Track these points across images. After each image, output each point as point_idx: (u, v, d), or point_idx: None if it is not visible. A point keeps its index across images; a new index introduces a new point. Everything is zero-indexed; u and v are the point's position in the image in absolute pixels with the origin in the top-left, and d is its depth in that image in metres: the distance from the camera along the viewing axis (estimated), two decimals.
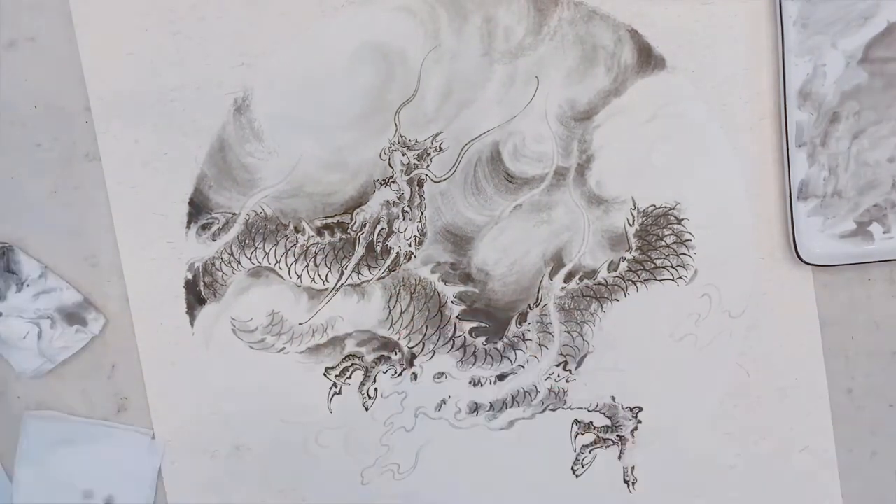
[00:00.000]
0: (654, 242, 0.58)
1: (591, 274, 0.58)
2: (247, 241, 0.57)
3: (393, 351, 0.58)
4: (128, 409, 0.59)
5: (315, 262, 0.58)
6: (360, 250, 0.58)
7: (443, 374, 0.59)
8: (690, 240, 0.58)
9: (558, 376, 0.59)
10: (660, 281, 0.58)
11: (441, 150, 0.57)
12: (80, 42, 0.56)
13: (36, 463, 0.58)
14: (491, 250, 0.58)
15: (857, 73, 0.56)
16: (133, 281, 0.57)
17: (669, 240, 0.58)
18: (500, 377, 0.59)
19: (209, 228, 0.57)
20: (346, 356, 0.58)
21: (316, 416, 0.59)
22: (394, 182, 0.57)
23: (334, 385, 0.58)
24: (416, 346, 0.58)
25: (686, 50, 0.57)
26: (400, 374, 0.59)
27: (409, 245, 0.58)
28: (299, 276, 0.58)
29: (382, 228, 0.57)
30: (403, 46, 0.56)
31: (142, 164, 0.57)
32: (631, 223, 0.58)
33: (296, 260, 0.57)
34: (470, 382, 0.59)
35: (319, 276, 0.58)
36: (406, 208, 0.57)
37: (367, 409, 0.59)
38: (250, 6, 0.56)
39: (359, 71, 0.56)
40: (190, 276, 0.58)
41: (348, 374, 0.58)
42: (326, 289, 0.58)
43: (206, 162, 0.57)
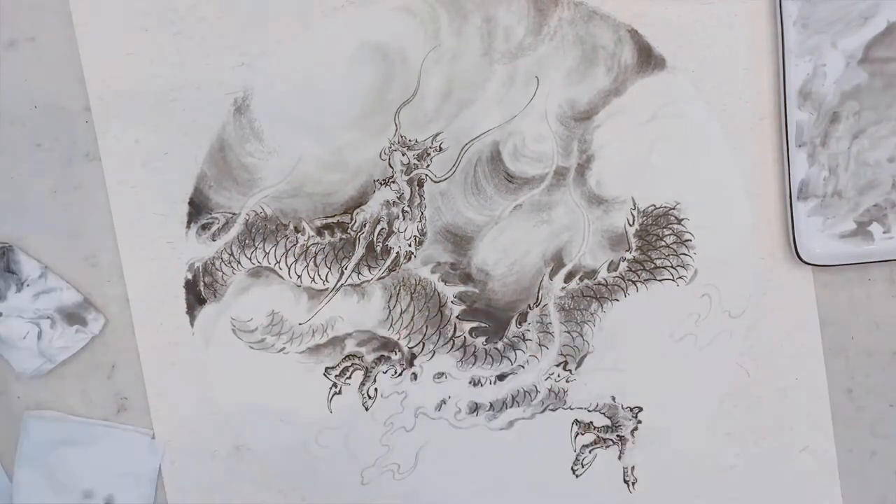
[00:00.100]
0: (654, 242, 0.58)
1: (591, 274, 0.58)
2: (247, 241, 0.57)
3: (393, 351, 0.58)
4: (128, 410, 0.59)
5: (315, 262, 0.58)
6: (360, 250, 0.58)
7: (443, 374, 0.59)
8: (690, 240, 0.58)
9: (558, 376, 0.59)
10: (660, 281, 0.58)
11: (441, 150, 0.57)
12: (80, 42, 0.56)
13: (36, 463, 0.58)
14: (491, 250, 0.58)
15: (857, 73, 0.56)
16: (133, 281, 0.57)
17: (669, 240, 0.58)
18: (500, 377, 0.59)
19: (209, 228, 0.57)
20: (346, 356, 0.58)
21: (316, 415, 0.59)
22: (394, 182, 0.57)
23: (334, 385, 0.58)
24: (416, 346, 0.58)
25: (686, 50, 0.57)
26: (400, 374, 0.59)
27: (409, 245, 0.58)
28: (299, 276, 0.58)
29: (382, 228, 0.57)
30: (403, 46, 0.56)
31: (142, 164, 0.57)
32: (631, 223, 0.58)
33: (296, 260, 0.57)
34: (470, 382, 0.59)
35: (319, 276, 0.58)
36: (406, 208, 0.57)
37: (367, 409, 0.59)
38: (250, 6, 0.56)
39: (359, 71, 0.56)
40: (190, 276, 0.57)
41: (348, 374, 0.58)
42: (326, 289, 0.58)
43: (207, 162, 0.57)
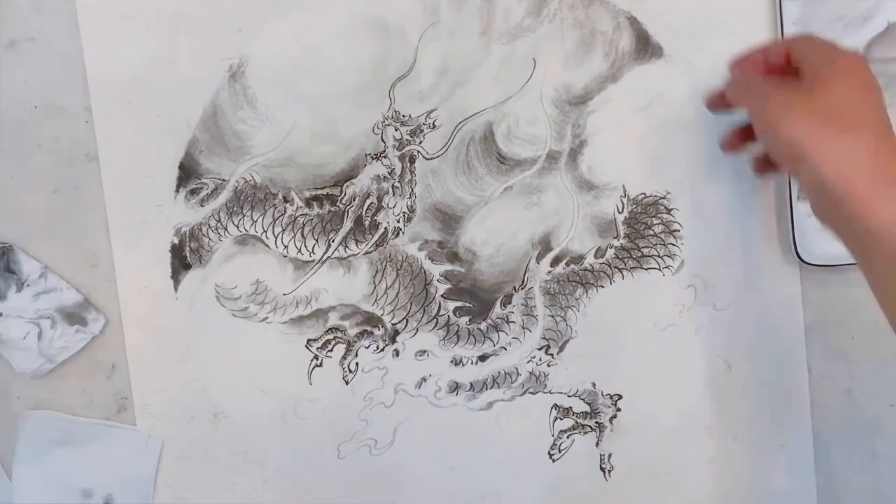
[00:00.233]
0: (643, 231, 0.58)
1: (578, 259, 0.58)
2: (235, 209, 0.57)
3: (376, 326, 0.58)
4: (127, 409, 0.58)
5: (302, 233, 0.57)
6: (348, 224, 0.57)
7: (425, 351, 0.58)
8: (678, 230, 0.58)
9: (540, 360, 0.59)
10: (646, 270, 0.58)
11: (434, 127, 0.57)
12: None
13: (34, 463, 0.58)
14: (479, 230, 0.58)
15: None
16: (118, 242, 0.57)
17: (658, 229, 0.58)
18: (481, 358, 0.59)
19: (198, 193, 0.57)
20: (329, 329, 0.58)
21: (295, 387, 0.58)
22: (385, 157, 0.57)
23: (315, 357, 0.58)
24: (400, 322, 0.58)
25: (684, 40, 0.57)
26: (382, 350, 0.58)
27: (398, 221, 0.57)
28: (286, 247, 0.57)
29: (372, 203, 0.57)
30: (402, 21, 0.56)
31: (134, 127, 0.56)
32: (620, 210, 0.58)
33: (283, 230, 0.57)
34: (451, 361, 0.59)
35: (306, 247, 0.57)
36: (396, 184, 0.57)
37: (347, 382, 0.58)
38: None
39: (356, 43, 0.56)
40: (176, 241, 0.57)
41: (330, 346, 0.58)
42: (312, 260, 0.58)
43: (199, 127, 0.56)
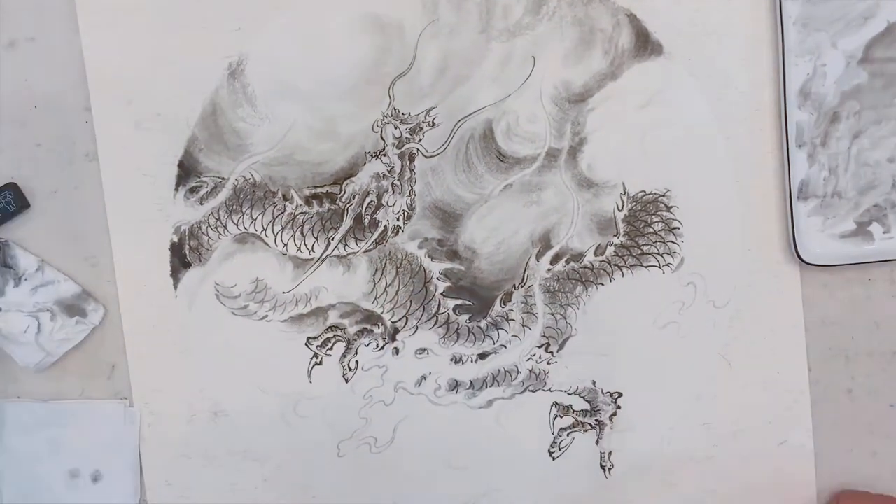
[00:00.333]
0: (642, 228, 0.58)
1: (578, 257, 0.58)
2: (234, 207, 0.57)
3: (376, 324, 0.58)
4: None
5: (302, 232, 0.57)
6: (347, 222, 0.57)
7: (424, 349, 0.58)
8: (678, 227, 0.58)
9: (540, 358, 0.59)
10: (646, 267, 0.58)
11: (434, 125, 0.57)
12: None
13: (15, 452, 0.58)
14: (479, 228, 0.58)
15: (857, 73, 0.56)
16: (118, 242, 0.57)
17: (657, 226, 0.58)
18: (481, 356, 0.59)
19: (197, 192, 0.57)
20: (329, 327, 0.58)
21: (295, 385, 0.58)
22: (385, 155, 0.57)
23: (315, 356, 0.58)
24: (399, 320, 0.58)
25: (684, 37, 0.56)
26: (381, 348, 0.58)
27: (398, 219, 0.57)
28: (285, 245, 0.57)
29: (371, 201, 0.57)
30: (401, 18, 0.56)
31: (134, 125, 0.56)
32: (620, 208, 0.58)
33: (283, 228, 0.57)
34: (451, 360, 0.59)
35: (306, 245, 0.57)
36: (396, 182, 0.57)
37: (346, 381, 0.58)
38: None
39: (355, 41, 0.56)
40: (176, 239, 0.57)
41: (330, 345, 0.58)
42: (312, 259, 0.58)
43: (198, 125, 0.56)
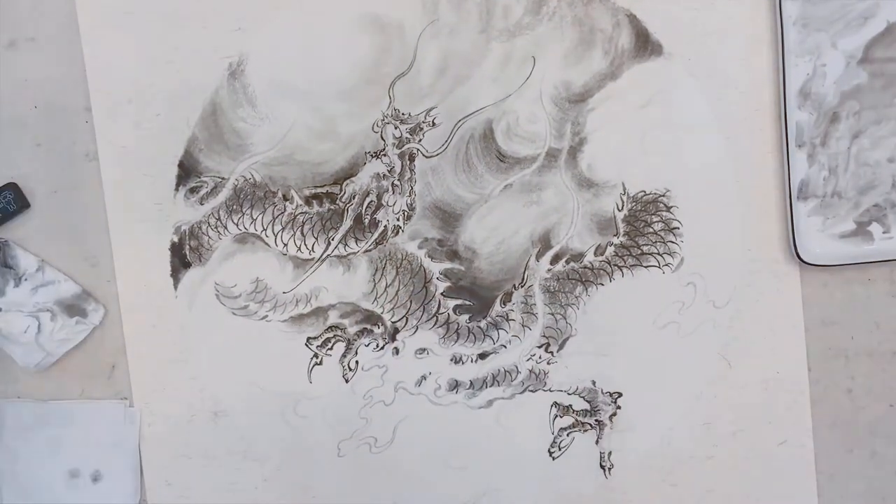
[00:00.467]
0: (642, 228, 0.58)
1: (578, 257, 0.58)
2: (234, 207, 0.57)
3: (376, 324, 0.58)
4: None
5: (302, 232, 0.57)
6: (347, 222, 0.57)
7: (424, 349, 0.58)
8: (678, 227, 0.58)
9: (539, 358, 0.59)
10: (646, 267, 0.58)
11: (434, 125, 0.57)
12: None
13: (15, 452, 0.58)
14: (479, 228, 0.58)
15: (857, 73, 0.56)
16: (118, 242, 0.57)
17: (657, 226, 0.58)
18: (481, 356, 0.59)
19: (197, 192, 0.57)
20: (329, 327, 0.58)
21: (295, 385, 0.58)
22: (385, 155, 0.57)
23: (315, 356, 0.58)
24: (400, 320, 0.58)
25: (684, 37, 0.57)
26: (382, 348, 0.58)
27: (398, 219, 0.57)
28: (285, 245, 0.57)
29: (371, 201, 0.57)
30: (401, 19, 0.56)
31: (133, 125, 0.56)
32: (620, 208, 0.58)
33: (283, 228, 0.57)
34: (451, 360, 0.59)
35: (306, 245, 0.57)
36: (396, 182, 0.57)
37: (347, 381, 0.58)
38: None
39: (355, 41, 0.56)
40: (176, 239, 0.57)
41: (330, 345, 0.58)
42: (312, 259, 0.58)
43: (198, 125, 0.56)
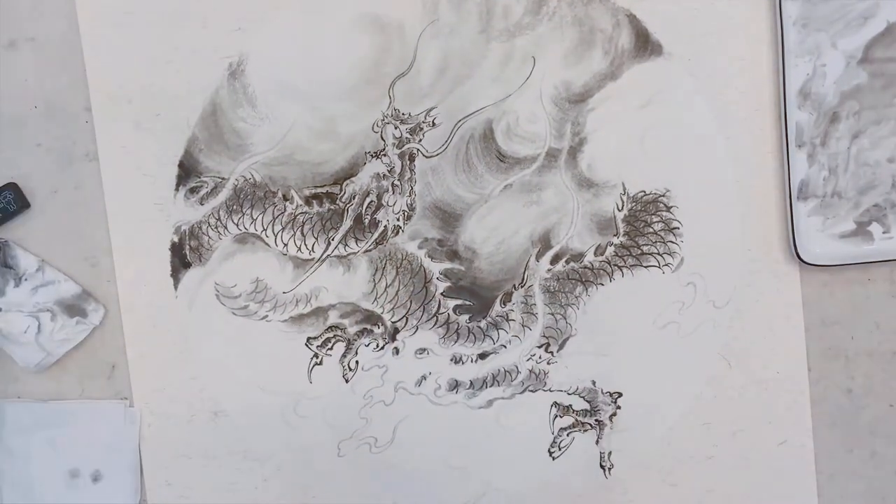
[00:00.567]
0: (642, 228, 0.58)
1: (578, 257, 0.58)
2: (234, 207, 0.57)
3: (376, 324, 0.58)
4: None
5: (302, 232, 0.57)
6: (347, 222, 0.57)
7: (424, 349, 0.58)
8: (678, 227, 0.58)
9: (539, 358, 0.59)
10: (646, 267, 0.58)
11: (434, 125, 0.57)
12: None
13: (15, 451, 0.58)
14: (479, 228, 0.58)
15: (857, 73, 0.56)
16: (119, 241, 0.57)
17: (657, 226, 0.58)
18: (481, 356, 0.59)
19: (197, 192, 0.57)
20: (329, 327, 0.58)
21: (295, 385, 0.58)
22: (385, 155, 0.57)
23: (315, 356, 0.58)
24: (400, 320, 0.58)
25: (684, 38, 0.57)
26: (382, 348, 0.58)
27: (398, 219, 0.57)
28: (285, 245, 0.57)
29: (371, 201, 0.57)
30: (401, 19, 0.56)
31: (134, 125, 0.57)
32: (620, 208, 0.58)
33: (283, 228, 0.57)
34: (451, 360, 0.59)
35: (306, 245, 0.57)
36: (396, 182, 0.57)
37: (347, 381, 0.59)
38: None
39: (355, 41, 0.56)
40: (176, 239, 0.57)
41: (330, 345, 0.58)
42: (312, 259, 0.58)
43: (198, 125, 0.56)
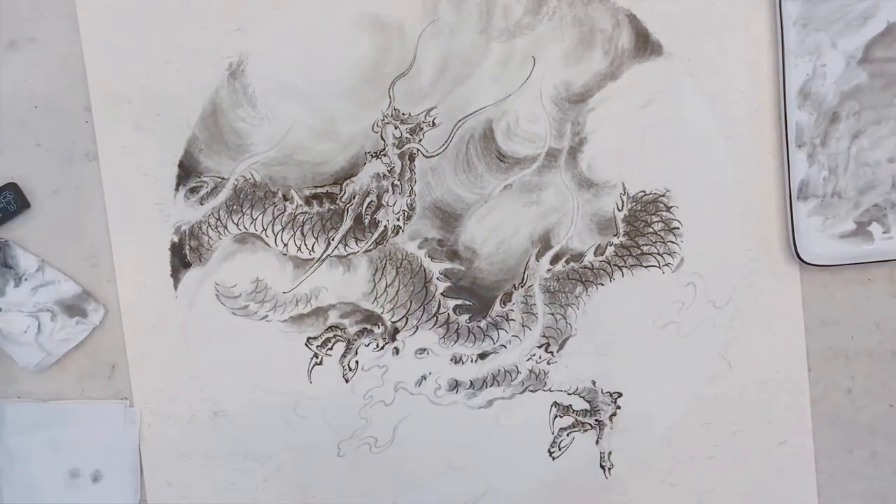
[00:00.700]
0: (642, 228, 0.58)
1: (578, 257, 0.58)
2: (234, 207, 0.57)
3: (376, 324, 0.58)
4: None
5: (302, 232, 0.57)
6: (347, 222, 0.57)
7: (424, 349, 0.58)
8: (678, 227, 0.58)
9: (539, 358, 0.59)
10: (646, 267, 0.58)
11: (434, 125, 0.57)
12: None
13: (13, 451, 0.58)
14: (479, 228, 0.58)
15: (857, 73, 0.56)
16: (118, 242, 0.57)
17: (657, 226, 0.58)
18: (481, 356, 0.59)
19: (197, 192, 0.57)
20: (329, 327, 0.58)
21: (295, 385, 0.58)
22: (385, 155, 0.57)
23: (315, 356, 0.58)
24: (400, 320, 0.58)
25: (684, 38, 0.57)
26: (382, 348, 0.58)
27: (398, 219, 0.57)
28: (285, 245, 0.57)
29: (371, 201, 0.57)
30: (401, 18, 0.56)
31: (133, 125, 0.57)
32: (620, 208, 0.58)
33: (283, 228, 0.57)
34: (451, 360, 0.59)
35: (306, 245, 0.57)
36: (396, 182, 0.57)
37: (347, 381, 0.59)
38: None
39: (355, 41, 0.56)
40: (176, 239, 0.57)
41: (330, 345, 0.58)
42: (312, 259, 0.58)
43: (198, 125, 0.56)
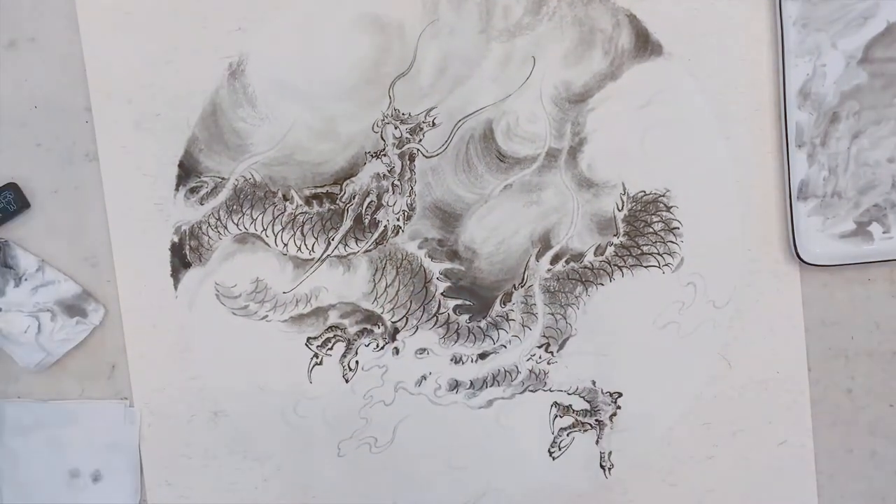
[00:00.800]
0: (642, 228, 0.58)
1: (578, 257, 0.58)
2: (234, 207, 0.57)
3: (376, 324, 0.58)
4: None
5: (302, 232, 0.57)
6: (347, 222, 0.57)
7: (425, 349, 0.58)
8: (678, 227, 0.58)
9: (540, 358, 0.59)
10: (646, 267, 0.58)
11: (434, 125, 0.57)
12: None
13: (13, 451, 0.58)
14: (479, 228, 0.58)
15: (857, 73, 0.56)
16: (119, 242, 0.57)
17: (657, 226, 0.58)
18: (481, 356, 0.59)
19: (197, 192, 0.57)
20: (329, 327, 0.58)
21: (295, 385, 0.58)
22: (385, 155, 0.57)
23: (315, 356, 0.58)
24: (400, 320, 0.58)
25: (684, 38, 0.57)
26: (382, 348, 0.58)
27: (398, 219, 0.58)
28: (285, 245, 0.57)
29: (371, 201, 0.57)
30: (401, 19, 0.56)
31: (134, 125, 0.57)
32: (620, 208, 0.58)
33: (283, 228, 0.57)
34: (451, 360, 0.59)
35: (306, 245, 0.57)
36: (396, 182, 0.57)
37: (347, 381, 0.59)
38: None
39: (355, 41, 0.56)
40: (176, 240, 0.57)
41: (330, 345, 0.58)
42: (312, 259, 0.58)
43: (198, 125, 0.56)
